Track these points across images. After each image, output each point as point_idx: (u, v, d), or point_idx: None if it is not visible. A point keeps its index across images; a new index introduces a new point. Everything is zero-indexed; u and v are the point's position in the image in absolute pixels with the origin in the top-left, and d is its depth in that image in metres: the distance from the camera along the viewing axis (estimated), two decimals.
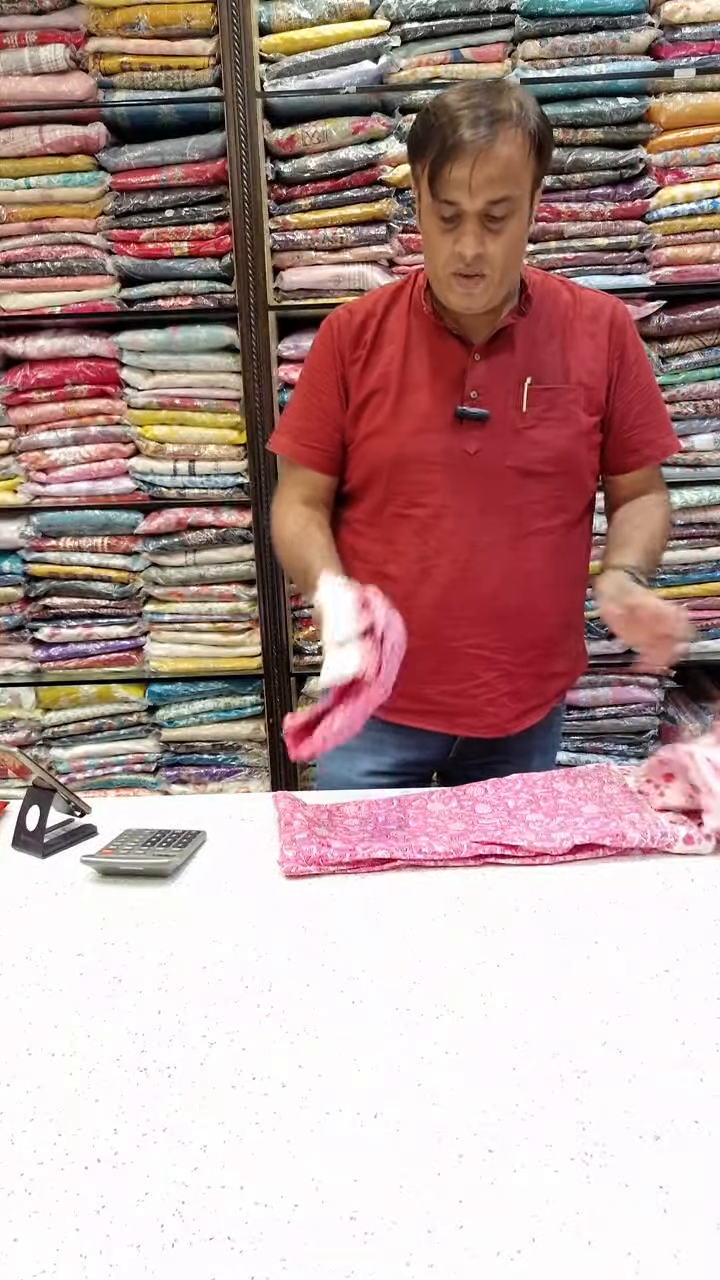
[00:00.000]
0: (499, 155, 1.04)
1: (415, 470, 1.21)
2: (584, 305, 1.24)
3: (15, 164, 1.91)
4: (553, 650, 1.28)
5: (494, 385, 1.19)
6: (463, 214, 1.07)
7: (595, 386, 1.22)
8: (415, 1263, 0.57)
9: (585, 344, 1.22)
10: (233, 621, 2.19)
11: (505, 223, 1.08)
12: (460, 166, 1.04)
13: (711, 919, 0.91)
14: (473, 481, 1.20)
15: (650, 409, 1.27)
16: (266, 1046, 0.76)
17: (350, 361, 1.24)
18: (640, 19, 1.83)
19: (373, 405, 1.23)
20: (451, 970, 0.85)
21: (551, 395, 1.20)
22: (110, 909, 0.97)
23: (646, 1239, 0.58)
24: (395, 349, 1.23)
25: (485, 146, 1.03)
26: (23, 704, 2.23)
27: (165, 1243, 0.59)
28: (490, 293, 1.14)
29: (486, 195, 1.05)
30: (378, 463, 1.23)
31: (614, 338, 1.23)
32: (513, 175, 1.06)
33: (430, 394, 1.20)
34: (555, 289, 1.26)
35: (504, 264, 1.11)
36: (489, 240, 1.09)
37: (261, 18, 1.86)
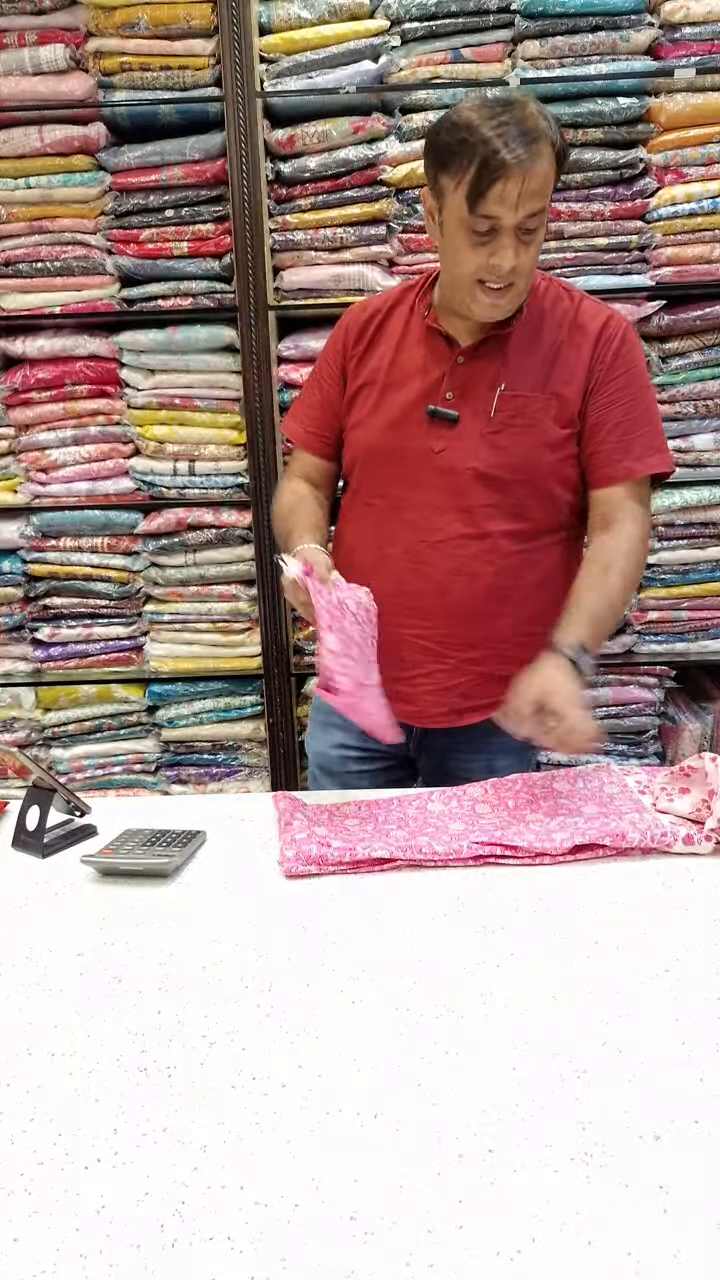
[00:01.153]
0: (538, 172, 1.08)
1: (384, 463, 1.26)
2: (581, 316, 1.25)
3: (15, 164, 1.91)
4: (504, 654, 1.26)
5: (470, 388, 1.22)
6: (500, 229, 1.10)
7: (571, 398, 1.22)
8: (415, 1263, 0.57)
9: (570, 354, 1.23)
10: (233, 621, 2.19)
11: (536, 234, 1.13)
12: (507, 185, 1.07)
13: (711, 919, 0.91)
14: (433, 479, 1.23)
15: (628, 426, 1.23)
16: (266, 1046, 0.76)
17: (351, 355, 1.31)
18: (640, 19, 1.83)
19: (361, 398, 1.29)
20: (451, 970, 0.85)
21: (521, 403, 1.22)
22: (110, 909, 0.97)
23: (646, 1239, 0.58)
24: (389, 346, 1.28)
25: (529, 165, 1.07)
26: (23, 704, 2.23)
27: (165, 1243, 0.59)
28: (515, 300, 1.18)
29: (526, 210, 1.09)
30: (357, 453, 1.30)
31: (598, 350, 1.22)
32: (547, 189, 1.11)
33: (411, 392, 1.25)
34: (557, 297, 1.26)
35: (530, 271, 1.16)
36: (521, 252, 1.12)
37: (261, 17, 1.86)
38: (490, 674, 1.28)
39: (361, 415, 1.29)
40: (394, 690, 1.28)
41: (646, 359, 1.99)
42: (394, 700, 1.28)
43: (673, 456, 2.06)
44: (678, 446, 2.05)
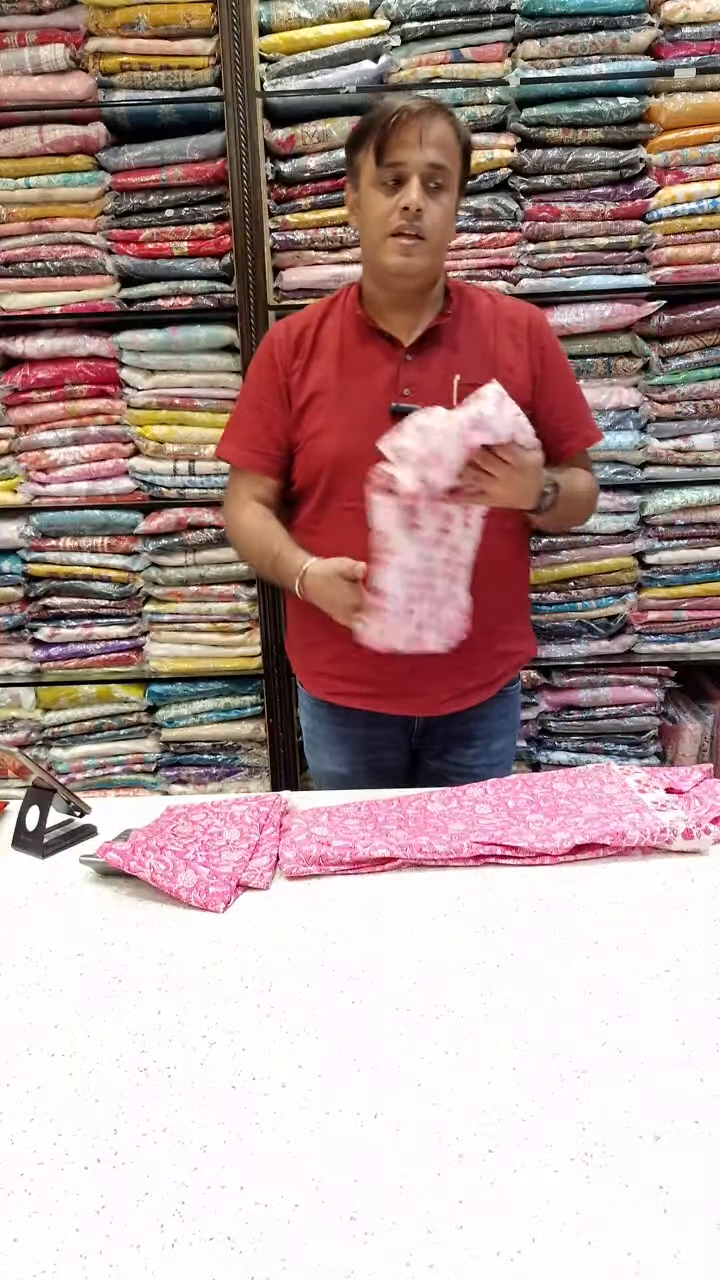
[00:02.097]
0: (438, 125, 1.19)
1: (356, 465, 1.27)
2: (503, 311, 1.35)
3: (15, 164, 1.91)
4: (495, 630, 1.34)
5: (425, 382, 1.27)
6: (405, 175, 1.20)
7: (519, 385, 1.29)
8: (415, 1263, 0.57)
9: (507, 345, 1.32)
10: (233, 621, 2.19)
11: (441, 194, 1.21)
12: (409, 129, 1.18)
13: (711, 919, 0.91)
14: None
15: (573, 403, 1.39)
16: (266, 1046, 0.76)
17: (290, 371, 1.33)
18: (640, 19, 1.83)
19: (314, 407, 1.31)
20: (451, 970, 0.85)
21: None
22: (110, 909, 0.97)
23: (646, 1239, 0.58)
24: (332, 354, 1.32)
25: (428, 116, 1.19)
26: (23, 704, 2.23)
27: (165, 1243, 0.59)
28: (426, 257, 1.24)
29: (429, 157, 1.19)
30: (321, 461, 1.31)
31: (532, 340, 1.33)
32: (450, 150, 1.21)
33: (366, 393, 1.29)
34: (476, 296, 1.37)
35: (440, 232, 1.23)
36: (429, 202, 1.20)
37: (261, 17, 1.86)
38: (484, 653, 1.33)
39: (320, 424, 1.31)
40: (402, 686, 1.33)
41: (647, 359, 2.00)
42: (403, 696, 1.34)
43: (674, 456, 2.09)
44: (677, 446, 2.05)
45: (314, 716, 1.49)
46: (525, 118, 1.87)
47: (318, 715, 1.47)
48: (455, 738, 1.41)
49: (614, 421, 2.04)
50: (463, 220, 1.94)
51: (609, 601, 2.14)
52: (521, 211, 1.93)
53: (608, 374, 2.02)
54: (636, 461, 2.07)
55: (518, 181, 1.92)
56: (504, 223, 1.94)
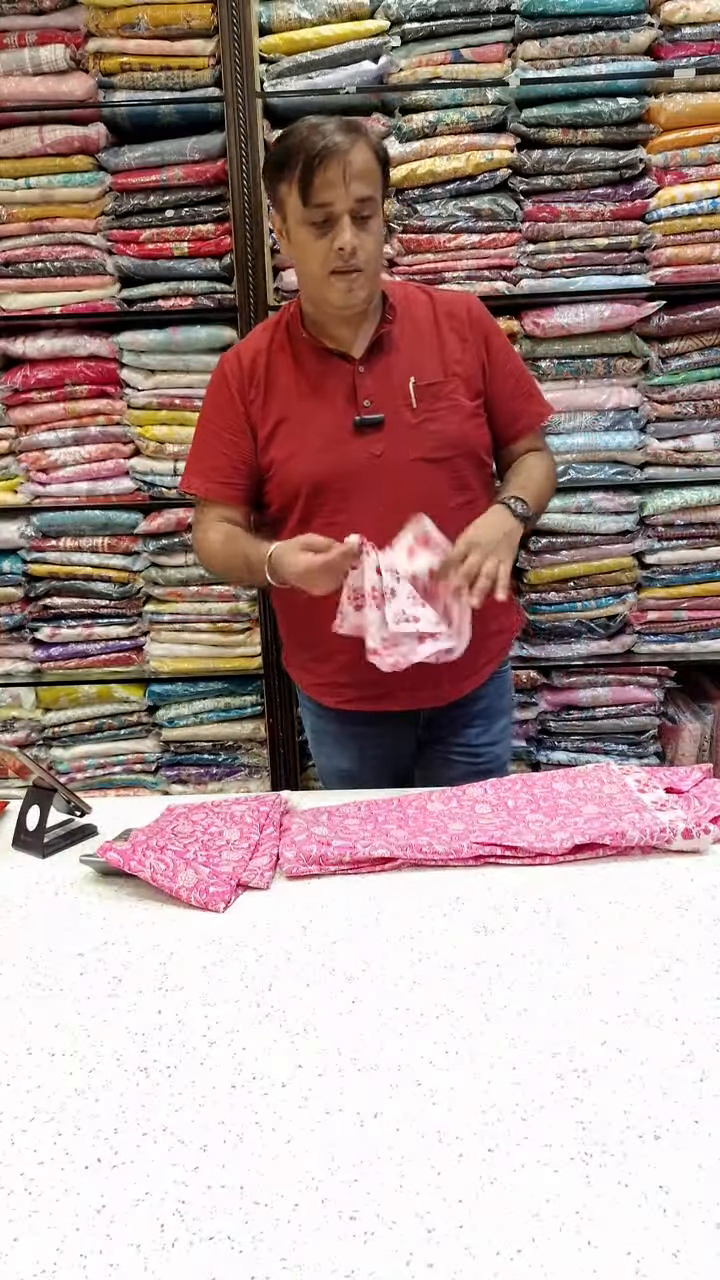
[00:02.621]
0: (359, 157, 1.19)
1: (331, 482, 1.31)
2: (442, 305, 1.37)
3: (15, 164, 1.91)
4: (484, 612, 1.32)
5: (383, 390, 1.31)
6: (335, 215, 1.20)
7: (470, 375, 1.34)
8: (415, 1262, 0.57)
9: (451, 339, 1.34)
10: (233, 621, 2.19)
11: (370, 222, 1.22)
12: (332, 168, 1.17)
13: (711, 918, 0.91)
14: (383, 479, 1.29)
15: (521, 384, 1.42)
16: (266, 1046, 0.76)
17: (250, 400, 1.35)
18: (640, 19, 1.83)
19: (281, 434, 1.33)
20: (451, 970, 0.85)
21: (435, 388, 1.32)
22: (110, 909, 0.97)
23: (646, 1239, 0.58)
24: (289, 379, 1.34)
25: (349, 150, 1.18)
26: (23, 704, 2.23)
27: (165, 1242, 0.59)
28: (366, 287, 1.26)
29: (356, 192, 1.19)
30: (297, 483, 1.33)
31: (475, 330, 1.36)
32: (372, 176, 1.21)
33: (329, 411, 1.31)
34: (414, 295, 1.38)
35: (375, 260, 1.25)
36: (361, 235, 1.22)
37: (261, 18, 1.86)
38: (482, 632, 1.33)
39: (290, 449, 1.33)
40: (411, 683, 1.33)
41: (647, 360, 2.00)
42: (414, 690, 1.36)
43: (674, 457, 2.09)
44: (677, 446, 2.05)
45: (319, 716, 1.49)
46: (525, 118, 1.87)
47: (323, 715, 1.47)
48: (459, 721, 1.44)
49: (614, 422, 2.04)
50: (463, 220, 1.94)
51: (609, 601, 2.14)
52: (521, 212, 1.93)
53: (607, 374, 2.02)
54: (636, 462, 2.07)
55: (517, 182, 1.92)
56: (504, 223, 1.94)
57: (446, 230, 1.94)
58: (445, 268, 1.96)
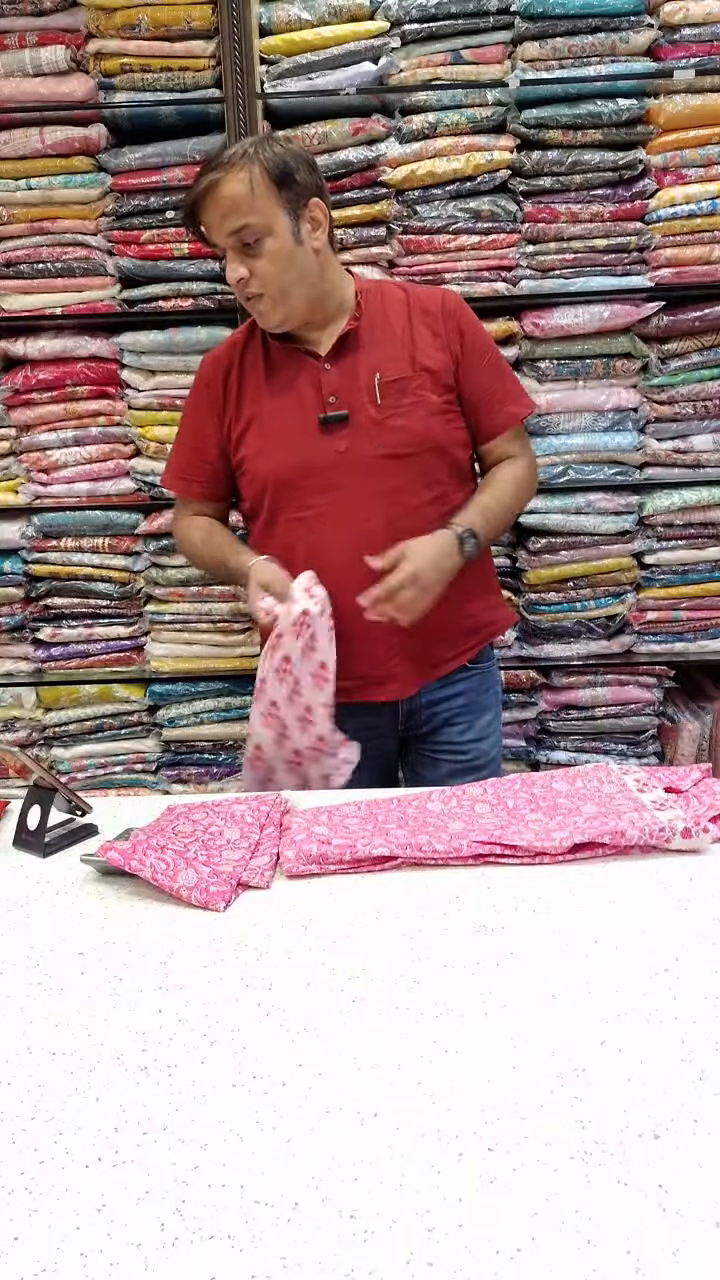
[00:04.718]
0: (230, 189, 1.22)
1: (297, 478, 1.33)
2: (417, 301, 1.37)
3: (16, 165, 1.91)
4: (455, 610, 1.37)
5: (348, 387, 1.32)
6: (223, 249, 1.27)
7: (440, 370, 1.34)
8: (415, 1262, 0.57)
9: (424, 334, 1.35)
10: (233, 621, 2.19)
11: (259, 246, 1.25)
12: (204, 209, 1.25)
13: (711, 918, 0.92)
14: (348, 475, 1.31)
15: (497, 380, 1.40)
16: (267, 1045, 0.76)
17: (223, 400, 1.38)
18: (640, 20, 1.83)
19: (251, 431, 1.36)
20: (451, 970, 0.85)
21: (400, 384, 1.32)
22: (111, 908, 0.98)
23: (646, 1238, 0.58)
24: (259, 377, 1.36)
25: (211, 191, 1.23)
26: (24, 704, 2.23)
27: (165, 1241, 0.59)
28: (279, 309, 1.29)
29: (226, 228, 1.24)
30: (264, 480, 1.36)
31: (448, 324, 1.36)
32: (245, 203, 1.23)
33: (296, 407, 1.34)
34: (389, 291, 1.39)
35: (276, 281, 1.27)
36: (251, 264, 1.25)
37: (262, 19, 1.86)
38: (447, 631, 1.38)
39: (257, 446, 1.36)
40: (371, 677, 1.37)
41: (646, 360, 2.00)
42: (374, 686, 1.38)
43: (673, 457, 2.09)
44: (676, 446, 2.06)
45: None
46: (525, 119, 1.88)
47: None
48: (439, 717, 1.44)
49: (613, 422, 2.04)
50: (462, 221, 1.94)
51: (608, 601, 2.14)
52: (521, 213, 1.94)
53: (606, 375, 2.02)
54: (635, 462, 2.07)
55: (517, 183, 1.92)
56: (503, 224, 1.94)
57: (446, 231, 1.94)
58: (445, 269, 1.96)
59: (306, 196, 1.28)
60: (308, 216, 1.28)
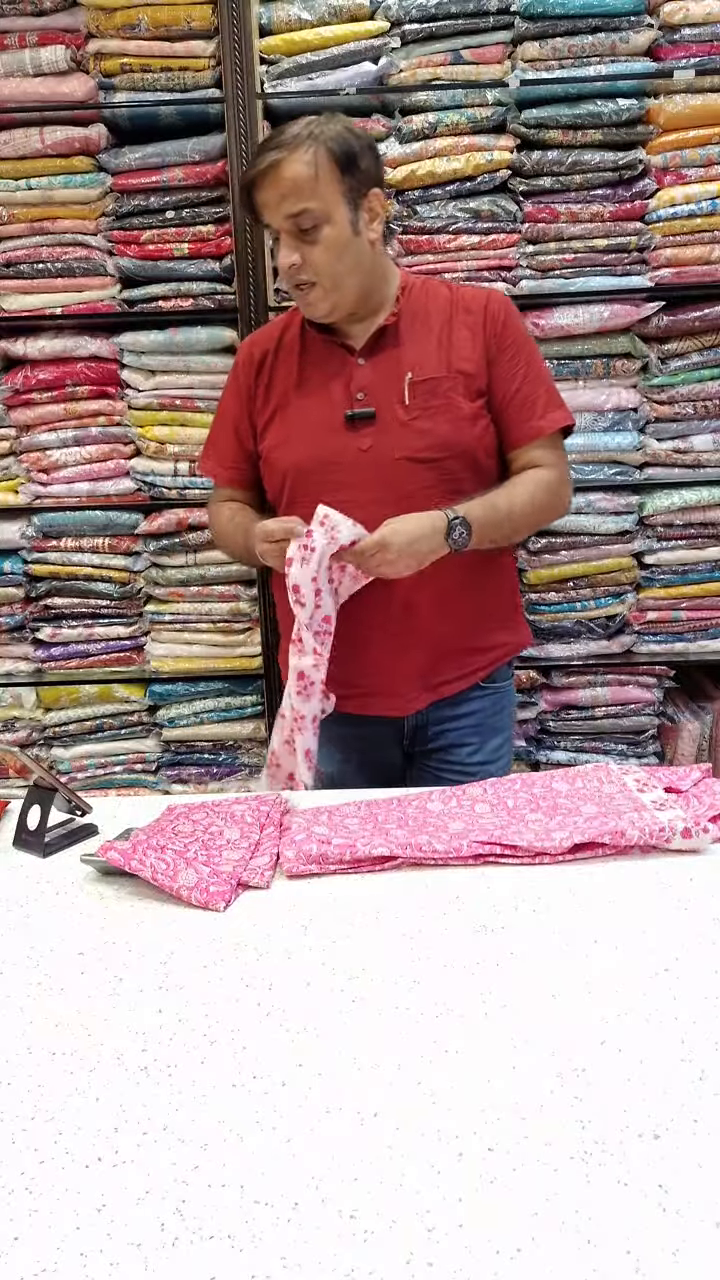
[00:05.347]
0: (293, 169, 1.18)
1: (316, 472, 1.30)
2: (462, 300, 1.33)
3: (16, 165, 1.91)
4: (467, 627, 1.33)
5: (378, 384, 1.29)
6: (277, 231, 1.23)
7: (475, 373, 1.30)
8: (415, 1261, 0.57)
9: (462, 334, 1.31)
10: (233, 621, 2.19)
11: (316, 233, 1.21)
12: (261, 189, 1.20)
13: (710, 918, 0.92)
14: (367, 475, 1.28)
15: (532, 388, 1.33)
16: (267, 1045, 0.76)
17: (255, 388, 1.36)
18: (640, 20, 1.83)
19: (276, 421, 1.34)
20: (451, 970, 0.85)
21: (431, 385, 1.29)
22: (111, 908, 0.98)
23: (646, 1238, 0.58)
24: (292, 365, 1.34)
25: (272, 171, 1.18)
26: (24, 704, 2.23)
27: (165, 1241, 0.59)
28: (328, 299, 1.26)
29: (287, 209, 1.19)
30: (284, 471, 1.34)
31: (488, 325, 1.31)
32: (307, 186, 1.19)
33: (323, 401, 1.31)
34: (434, 289, 1.36)
35: (330, 270, 1.23)
36: (305, 251, 1.22)
37: (262, 19, 1.86)
38: (457, 646, 1.34)
39: (281, 436, 1.34)
40: (372, 686, 1.33)
41: (646, 360, 2.00)
42: (375, 696, 1.35)
43: (673, 457, 2.08)
44: (676, 446, 2.06)
45: None
46: (525, 119, 1.88)
47: None
48: (447, 736, 1.40)
49: (613, 422, 2.04)
50: (462, 221, 1.94)
51: (608, 601, 2.14)
52: (521, 213, 1.94)
53: (606, 375, 2.02)
54: (635, 462, 2.07)
55: (517, 183, 1.92)
56: (503, 224, 1.94)
57: (446, 231, 1.94)
58: (445, 268, 1.96)
59: (368, 185, 1.24)
60: (366, 206, 1.24)
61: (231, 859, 1.02)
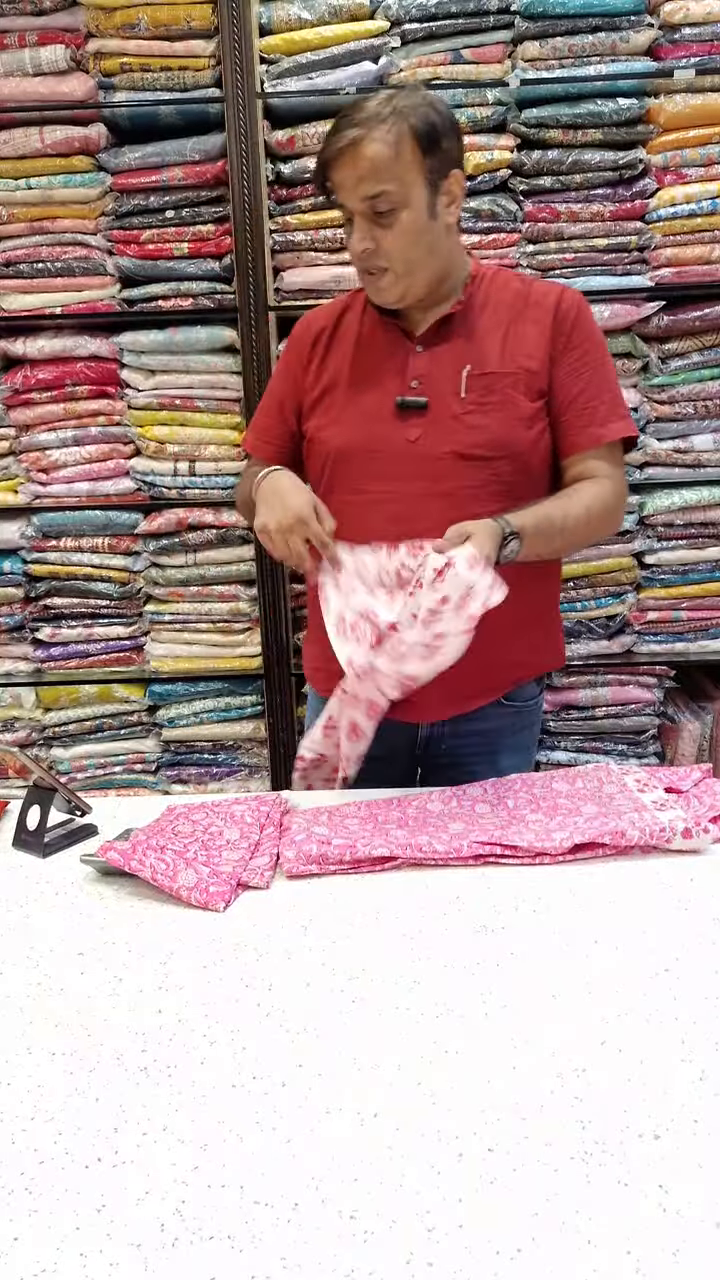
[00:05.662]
0: (370, 148, 1.11)
1: (359, 459, 1.25)
2: (533, 295, 1.26)
3: (16, 165, 1.91)
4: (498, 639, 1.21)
5: (434, 373, 1.23)
6: (351, 216, 1.17)
7: (537, 371, 1.23)
8: (415, 1262, 0.57)
9: (529, 330, 1.24)
10: (233, 621, 2.19)
11: (392, 216, 1.15)
12: (338, 168, 1.14)
13: (710, 918, 0.92)
14: (412, 467, 1.21)
15: (595, 393, 1.24)
16: (266, 1046, 0.76)
17: (308, 362, 1.31)
18: (640, 19, 1.83)
19: (326, 401, 1.29)
20: (451, 970, 0.85)
21: (489, 380, 1.22)
22: (111, 908, 0.98)
23: (646, 1238, 0.58)
24: (348, 346, 1.29)
25: (352, 150, 1.12)
26: (23, 704, 2.23)
27: (165, 1242, 0.59)
28: (399, 286, 1.20)
29: (361, 193, 1.14)
30: (325, 454, 1.28)
31: (557, 323, 1.24)
32: (387, 168, 1.12)
33: (376, 385, 1.25)
34: (505, 280, 1.29)
35: (404, 256, 1.17)
36: (380, 235, 1.16)
37: (262, 18, 1.86)
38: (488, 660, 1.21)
39: (329, 417, 1.28)
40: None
41: (646, 360, 2.00)
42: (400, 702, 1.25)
43: (673, 457, 2.08)
44: (676, 446, 2.06)
45: (316, 713, 1.41)
46: (525, 119, 1.88)
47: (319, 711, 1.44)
48: (462, 750, 1.33)
49: None
50: (462, 221, 1.94)
51: (608, 601, 2.14)
52: (521, 212, 1.94)
53: None
54: (636, 462, 2.07)
55: (517, 182, 1.92)
56: (503, 223, 1.94)
57: None
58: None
59: (449, 167, 1.17)
60: (445, 189, 1.17)
61: (231, 859, 1.02)
